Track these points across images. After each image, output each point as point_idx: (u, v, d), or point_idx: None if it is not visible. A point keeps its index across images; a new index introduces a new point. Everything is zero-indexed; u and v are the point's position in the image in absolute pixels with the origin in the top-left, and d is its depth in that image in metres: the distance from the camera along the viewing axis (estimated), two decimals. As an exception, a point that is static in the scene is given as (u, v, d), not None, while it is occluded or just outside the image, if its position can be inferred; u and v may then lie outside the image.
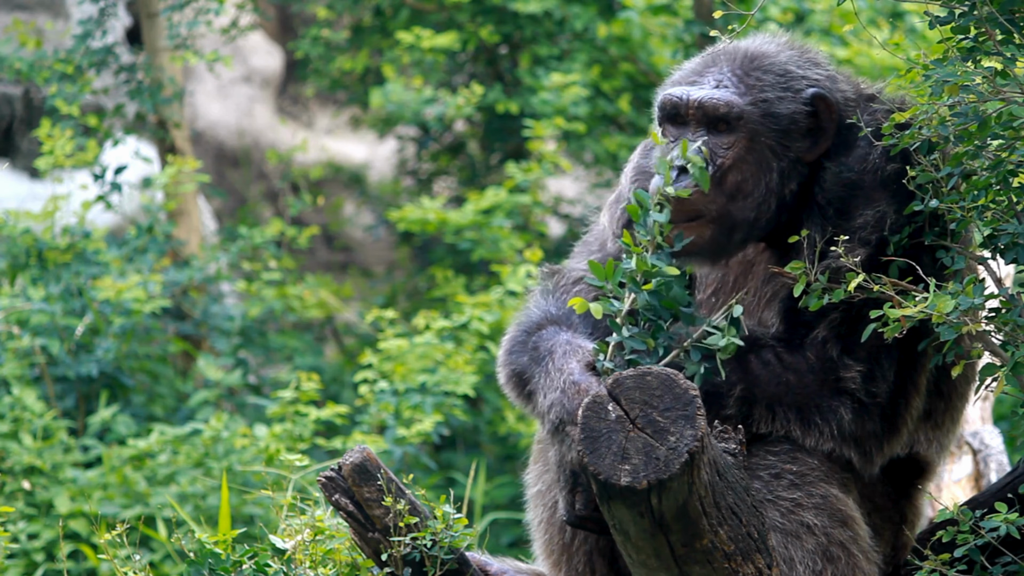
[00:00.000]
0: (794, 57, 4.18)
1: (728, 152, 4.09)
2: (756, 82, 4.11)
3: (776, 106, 4.11)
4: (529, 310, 4.26)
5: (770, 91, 4.12)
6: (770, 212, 4.12)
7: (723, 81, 4.11)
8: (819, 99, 4.12)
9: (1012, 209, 3.90)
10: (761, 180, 4.11)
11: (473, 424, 9.42)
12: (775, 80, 4.13)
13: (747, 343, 4.08)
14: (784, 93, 4.12)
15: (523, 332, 4.20)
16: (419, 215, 9.78)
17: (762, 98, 4.10)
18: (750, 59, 4.14)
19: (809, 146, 4.13)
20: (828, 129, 4.12)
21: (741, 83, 4.11)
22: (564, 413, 3.98)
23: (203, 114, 13.63)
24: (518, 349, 4.19)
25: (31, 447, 7.92)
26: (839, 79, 4.20)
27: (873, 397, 4.05)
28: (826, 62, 4.22)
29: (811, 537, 4.03)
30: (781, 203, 4.13)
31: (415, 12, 10.95)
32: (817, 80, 4.15)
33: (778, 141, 4.11)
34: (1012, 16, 3.86)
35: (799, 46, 4.22)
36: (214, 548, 4.28)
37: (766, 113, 4.10)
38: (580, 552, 4.30)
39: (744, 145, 4.10)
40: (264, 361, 10.28)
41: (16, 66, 9.14)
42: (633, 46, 10.65)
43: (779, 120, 4.11)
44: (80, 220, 8.98)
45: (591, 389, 3.95)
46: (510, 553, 4.80)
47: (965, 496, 5.95)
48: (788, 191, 4.13)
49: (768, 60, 4.15)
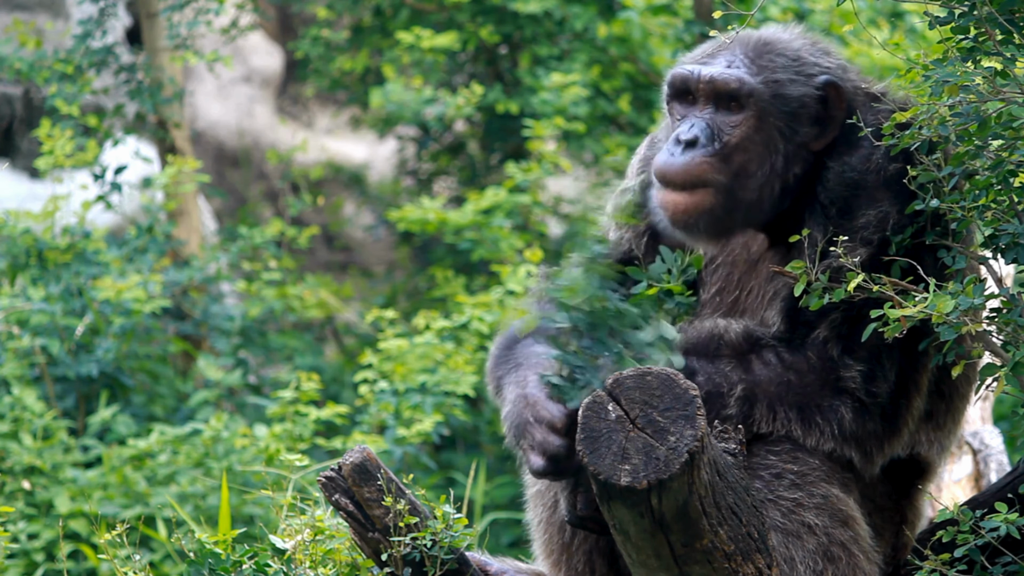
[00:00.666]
0: (807, 45, 4.19)
1: (735, 131, 4.09)
2: (768, 63, 4.12)
3: (787, 88, 4.11)
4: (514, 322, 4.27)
5: (782, 73, 4.12)
6: (773, 196, 4.12)
7: (735, 62, 4.12)
8: (831, 86, 4.12)
9: (1013, 209, 3.90)
10: (767, 161, 4.11)
11: (473, 424, 9.42)
12: (787, 63, 4.14)
13: (748, 343, 4.08)
14: (796, 76, 4.13)
15: (508, 341, 4.21)
16: (419, 215, 9.78)
17: (773, 79, 4.11)
18: (763, 43, 4.15)
19: (817, 134, 4.13)
20: (837, 117, 4.13)
21: (753, 64, 4.11)
22: (516, 425, 4.00)
23: (203, 114, 13.63)
24: (501, 359, 4.20)
25: (31, 447, 7.92)
26: (850, 69, 4.21)
27: (874, 397, 4.05)
28: (836, 53, 4.23)
29: (812, 537, 4.03)
30: (785, 188, 4.13)
31: (415, 12, 10.95)
32: (829, 68, 4.16)
33: (787, 123, 4.11)
34: (1012, 16, 3.86)
35: (811, 36, 4.23)
36: (214, 548, 4.28)
37: (776, 94, 4.10)
38: (580, 552, 4.30)
39: (752, 124, 4.10)
40: (264, 361, 10.28)
41: (16, 66, 9.14)
42: (633, 46, 10.65)
43: (789, 102, 4.11)
44: (80, 220, 8.98)
45: (539, 403, 3.95)
46: (510, 553, 4.80)
47: (965, 496, 5.94)
48: (792, 176, 4.13)
49: (781, 45, 4.16)
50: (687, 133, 4.07)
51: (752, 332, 4.09)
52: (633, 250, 4.33)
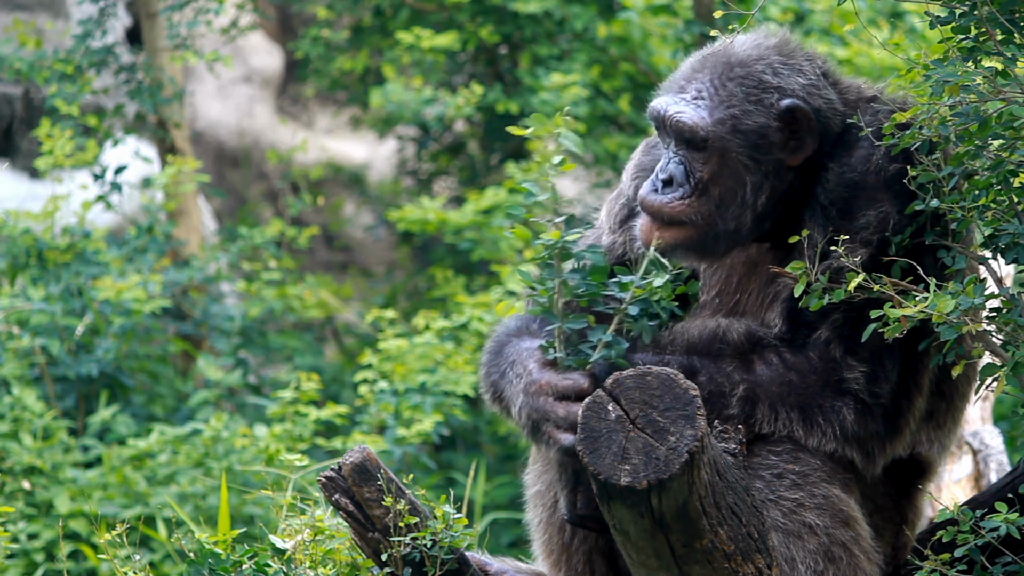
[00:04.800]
0: (775, 63, 4.17)
1: (704, 167, 4.14)
2: (728, 96, 4.13)
3: (745, 121, 4.13)
4: (506, 321, 4.27)
5: (739, 106, 4.13)
6: (748, 224, 4.15)
7: (702, 92, 4.15)
8: (794, 110, 4.13)
9: (1013, 209, 3.90)
10: (738, 192, 4.14)
11: (473, 424, 9.42)
12: (746, 93, 4.14)
13: (750, 343, 4.09)
14: (753, 107, 4.14)
15: (497, 344, 4.22)
16: (419, 215, 9.79)
17: (730, 114, 4.13)
18: (730, 67, 4.16)
19: (794, 148, 4.15)
20: (806, 138, 4.14)
21: (716, 95, 4.14)
22: (533, 412, 3.98)
23: (203, 114, 13.63)
24: (493, 362, 4.20)
25: (31, 447, 7.92)
26: (822, 86, 4.18)
27: (876, 397, 4.06)
28: (812, 67, 4.19)
29: (813, 537, 4.03)
30: (761, 214, 4.15)
31: (415, 12, 10.96)
32: (794, 90, 4.15)
33: (749, 156, 4.13)
34: (1012, 16, 3.86)
35: (788, 50, 4.20)
36: (214, 548, 4.28)
37: (734, 130, 4.13)
38: (579, 552, 4.30)
39: (717, 161, 4.14)
40: (264, 361, 10.28)
41: (16, 66, 9.14)
42: (633, 46, 10.65)
43: (747, 136, 4.13)
44: (80, 220, 8.98)
45: (551, 381, 3.95)
46: (510, 553, 4.80)
47: (965, 496, 5.95)
48: (773, 193, 4.15)
49: (745, 70, 4.16)
50: (664, 172, 4.15)
51: (754, 332, 4.10)
52: (627, 254, 4.34)
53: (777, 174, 4.15)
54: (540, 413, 3.97)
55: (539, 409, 3.97)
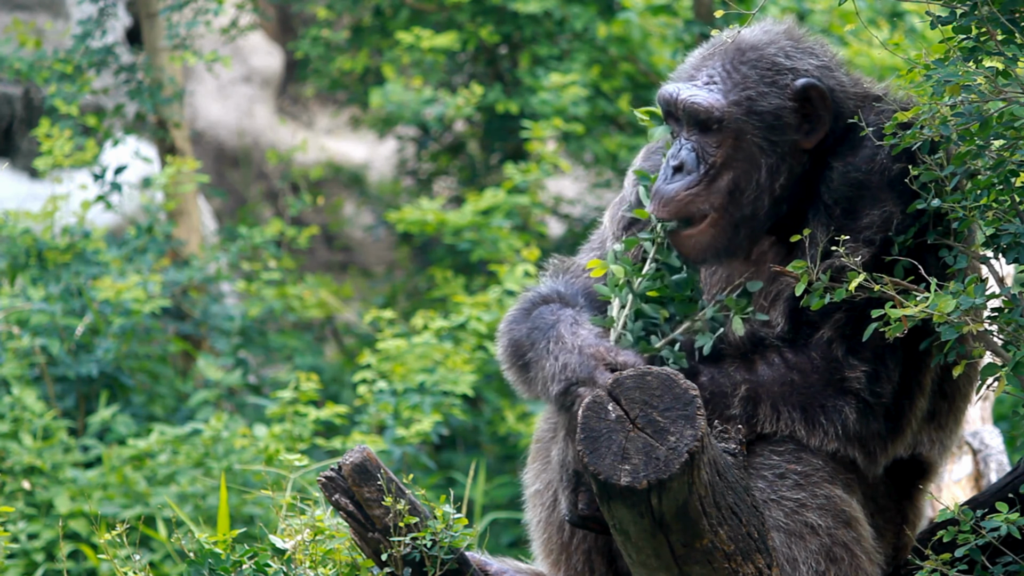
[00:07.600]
0: (787, 47, 4.18)
1: (718, 151, 4.12)
2: (742, 78, 4.13)
3: (760, 103, 4.12)
4: (536, 287, 4.28)
5: (753, 88, 4.13)
6: (765, 207, 4.13)
7: (714, 77, 4.14)
8: (810, 88, 4.12)
9: (1014, 209, 3.90)
10: (752, 177, 4.12)
11: (473, 424, 9.42)
12: (760, 75, 4.14)
13: (752, 343, 4.08)
14: (768, 88, 4.13)
15: (529, 303, 4.22)
16: (417, 216, 9.78)
17: (745, 96, 4.12)
18: (741, 52, 4.16)
19: (807, 131, 4.14)
20: (823, 116, 4.13)
21: (729, 79, 4.13)
22: (580, 372, 3.97)
23: (203, 114, 13.63)
24: (520, 319, 4.20)
25: (31, 447, 7.92)
26: (835, 68, 4.20)
27: (878, 397, 4.05)
28: (824, 51, 4.22)
29: (815, 538, 4.03)
30: (779, 197, 4.14)
31: (415, 12, 10.95)
32: (807, 70, 4.15)
33: (765, 137, 4.12)
34: (1013, 16, 3.86)
35: (798, 35, 4.22)
36: (214, 548, 4.28)
37: (750, 111, 4.12)
38: (579, 551, 4.30)
39: (731, 144, 4.12)
40: (264, 361, 10.28)
41: (16, 66, 9.14)
42: (633, 46, 10.65)
43: (763, 117, 4.12)
44: (80, 220, 8.98)
45: (609, 350, 3.97)
46: (510, 553, 4.80)
47: (965, 496, 5.95)
48: (787, 180, 4.14)
49: (757, 53, 4.16)
50: (675, 158, 4.12)
51: (756, 332, 4.10)
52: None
53: (793, 156, 4.14)
54: (587, 374, 3.97)
55: (587, 369, 3.97)
